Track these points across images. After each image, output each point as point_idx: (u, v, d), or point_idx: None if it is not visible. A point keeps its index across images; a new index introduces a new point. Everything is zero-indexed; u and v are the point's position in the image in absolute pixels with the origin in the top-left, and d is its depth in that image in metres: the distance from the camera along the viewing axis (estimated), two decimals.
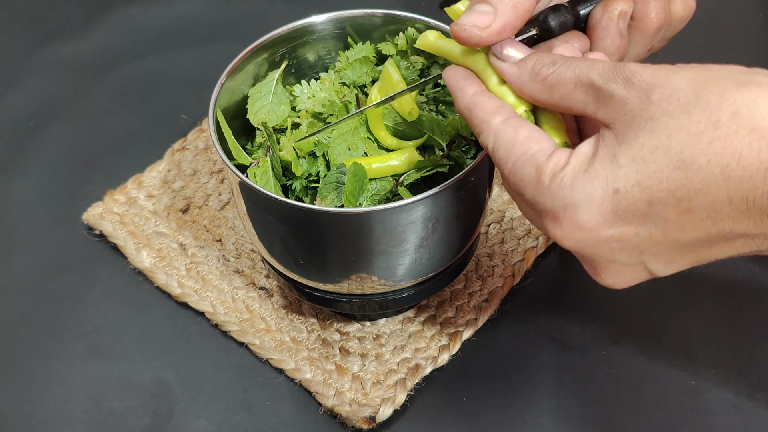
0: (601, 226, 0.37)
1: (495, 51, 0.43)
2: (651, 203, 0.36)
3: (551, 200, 0.38)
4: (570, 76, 0.39)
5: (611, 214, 0.37)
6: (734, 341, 0.59)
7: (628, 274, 0.40)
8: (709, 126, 0.34)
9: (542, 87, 0.40)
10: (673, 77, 0.36)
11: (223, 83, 0.55)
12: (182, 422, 0.57)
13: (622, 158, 0.36)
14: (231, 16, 0.90)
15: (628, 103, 0.36)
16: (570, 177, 0.37)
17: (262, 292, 0.63)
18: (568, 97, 0.39)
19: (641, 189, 0.35)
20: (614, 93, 0.37)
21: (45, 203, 0.71)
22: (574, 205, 0.37)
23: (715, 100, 0.34)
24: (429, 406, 0.57)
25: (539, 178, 0.38)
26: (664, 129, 0.35)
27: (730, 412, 0.55)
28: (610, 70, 0.37)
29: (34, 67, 0.84)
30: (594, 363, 0.58)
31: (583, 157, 0.38)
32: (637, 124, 0.36)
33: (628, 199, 0.36)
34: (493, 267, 0.64)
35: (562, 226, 0.38)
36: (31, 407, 0.58)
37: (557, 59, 0.40)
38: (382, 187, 0.53)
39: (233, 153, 0.54)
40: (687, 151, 0.34)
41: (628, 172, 0.36)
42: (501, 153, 0.40)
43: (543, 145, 0.40)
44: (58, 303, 0.64)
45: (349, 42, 0.60)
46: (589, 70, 0.38)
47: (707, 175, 0.34)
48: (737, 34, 0.85)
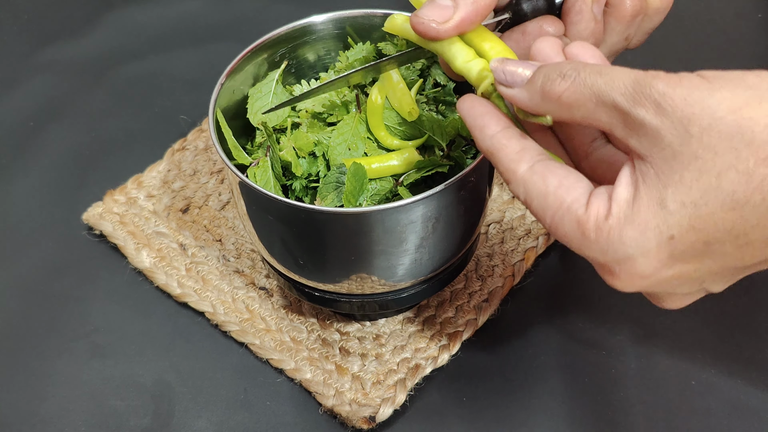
0: (660, 270, 0.36)
1: (498, 78, 0.40)
2: (708, 243, 0.35)
3: (602, 255, 0.36)
4: (588, 95, 0.36)
5: (669, 258, 0.35)
6: (734, 341, 0.59)
7: (689, 298, 0.40)
8: (759, 163, 0.32)
9: (559, 107, 0.38)
10: (709, 102, 0.33)
11: (223, 83, 0.55)
12: (183, 422, 0.57)
13: (672, 204, 0.34)
14: (231, 16, 0.90)
15: (664, 136, 0.34)
16: (617, 229, 0.35)
17: (262, 292, 0.63)
18: (590, 117, 0.37)
19: (696, 232, 0.34)
20: (645, 121, 0.34)
21: (45, 203, 0.71)
22: (629, 259, 0.36)
23: (759, 132, 0.32)
24: (429, 406, 0.57)
25: (583, 233, 0.37)
26: (712, 169, 0.33)
27: (730, 412, 0.55)
28: (635, 90, 0.34)
29: (34, 67, 0.84)
30: (594, 363, 0.58)
31: (625, 203, 0.36)
32: (679, 163, 0.34)
33: (684, 243, 0.35)
34: (493, 267, 0.64)
35: (620, 278, 0.37)
36: (32, 407, 0.58)
37: (566, 70, 0.37)
38: (382, 187, 0.53)
39: (233, 153, 0.54)
40: (740, 192, 0.33)
41: (681, 218, 0.34)
42: (535, 205, 0.38)
43: (576, 194, 0.37)
44: (59, 303, 0.64)
45: (349, 42, 0.60)
46: (610, 89, 0.35)
47: (763, 211, 0.33)
48: (737, 34, 0.85)
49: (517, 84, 0.39)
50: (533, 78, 0.39)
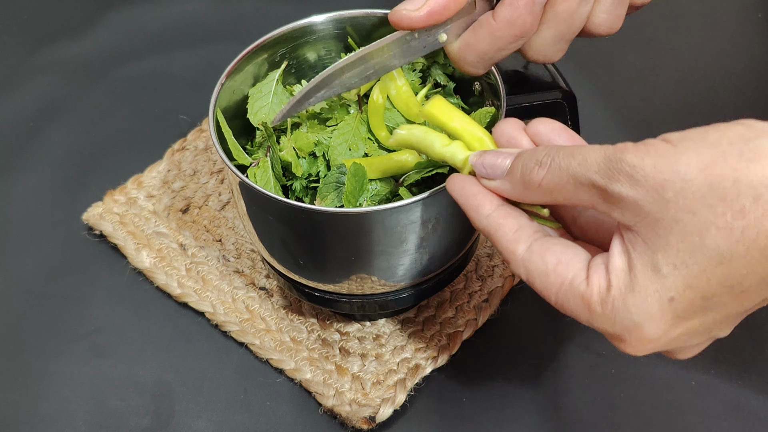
0: (667, 332, 0.37)
1: (479, 172, 0.43)
2: (706, 298, 0.36)
3: (611, 326, 0.38)
4: (566, 178, 0.38)
5: (673, 319, 0.37)
6: (734, 341, 0.59)
7: (700, 347, 0.41)
8: (736, 216, 0.34)
9: (541, 194, 0.40)
10: (677, 167, 0.35)
11: (223, 83, 0.55)
12: (183, 422, 0.57)
13: (664, 267, 0.36)
14: (231, 16, 0.90)
15: (643, 205, 0.35)
16: (620, 300, 0.37)
17: (262, 292, 0.63)
18: (573, 198, 0.39)
19: (693, 290, 0.36)
20: (622, 194, 0.36)
21: (45, 203, 0.71)
22: (636, 326, 0.37)
23: (730, 186, 0.34)
24: (429, 406, 0.57)
25: (589, 307, 0.38)
26: (693, 229, 0.35)
27: (730, 412, 0.55)
28: (607, 167, 0.36)
29: (34, 67, 0.84)
30: (594, 363, 0.58)
31: (622, 273, 0.37)
32: (662, 228, 0.35)
33: (684, 302, 0.36)
34: (493, 267, 0.64)
35: (631, 345, 0.38)
36: (33, 407, 0.58)
37: (542, 158, 0.39)
38: (382, 187, 0.53)
39: (233, 153, 0.54)
40: (723, 246, 0.34)
41: (676, 280, 0.36)
42: (538, 284, 0.40)
43: (575, 269, 0.39)
44: (59, 303, 0.64)
45: (350, 42, 0.60)
46: (585, 169, 0.37)
47: (750, 260, 0.34)
48: (737, 34, 0.85)
49: (497, 176, 0.42)
50: (512, 169, 0.41)
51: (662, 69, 0.81)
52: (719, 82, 0.79)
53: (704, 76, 0.80)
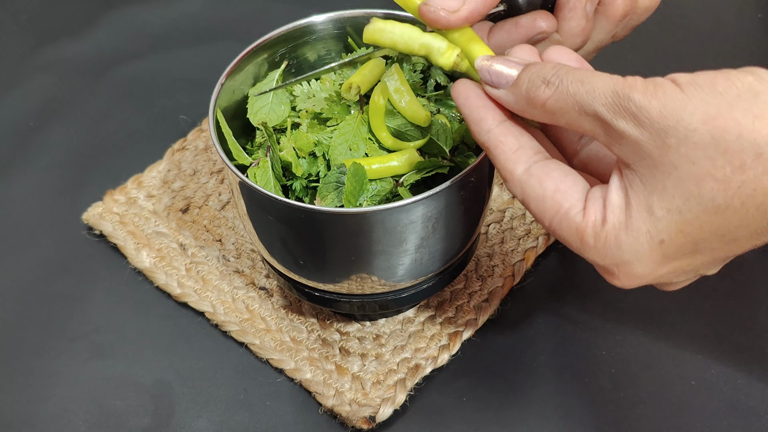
0: (655, 270, 0.38)
1: (484, 78, 0.41)
2: (696, 243, 0.36)
3: (601, 259, 0.38)
4: (571, 103, 0.38)
5: (662, 258, 0.37)
6: (734, 341, 0.59)
7: (684, 283, 0.42)
8: (735, 171, 0.34)
9: (543, 113, 0.39)
10: (682, 114, 0.34)
11: (223, 83, 0.55)
12: (183, 422, 0.57)
13: (658, 210, 0.36)
14: (231, 16, 0.90)
15: (644, 146, 0.35)
16: (613, 235, 0.37)
17: (262, 292, 0.63)
18: (574, 124, 0.38)
19: (684, 235, 0.36)
20: (625, 132, 0.36)
21: (45, 203, 0.71)
22: (626, 262, 0.38)
23: (733, 140, 0.34)
24: (429, 406, 0.57)
25: (582, 239, 0.39)
26: (691, 178, 0.35)
27: (730, 412, 0.55)
28: (614, 102, 0.36)
29: (34, 67, 0.84)
30: (594, 363, 0.58)
31: (618, 210, 0.37)
32: (660, 172, 0.35)
33: (674, 245, 0.37)
34: (493, 267, 0.64)
35: (619, 278, 0.39)
36: (32, 407, 0.58)
37: (550, 76, 0.38)
38: (382, 187, 0.53)
39: (233, 153, 0.54)
40: (719, 198, 0.35)
41: (669, 223, 0.36)
42: (533, 208, 0.40)
43: (573, 199, 0.39)
44: (58, 303, 0.64)
45: (350, 43, 0.60)
46: (591, 99, 0.37)
47: (744, 213, 0.35)
48: (737, 34, 0.85)
49: (502, 85, 0.41)
50: (518, 81, 0.40)
51: (662, 69, 0.80)
52: None
53: None
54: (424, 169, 0.53)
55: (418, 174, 0.53)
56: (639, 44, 0.83)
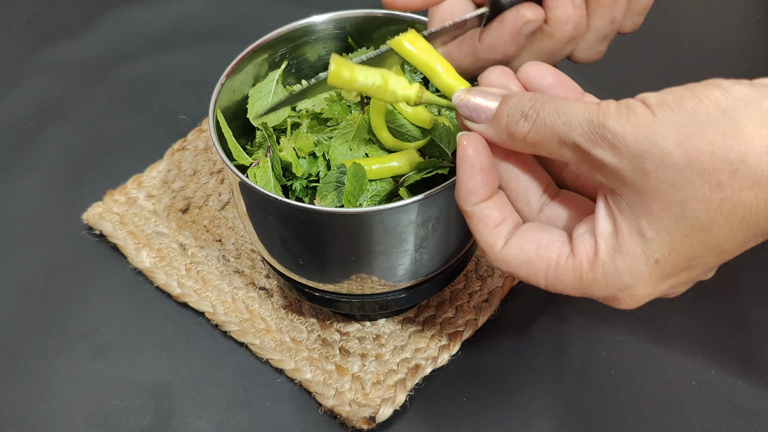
0: (656, 287, 0.39)
1: (463, 114, 0.42)
2: (689, 259, 0.37)
3: (604, 289, 0.39)
4: (550, 136, 0.38)
5: (661, 276, 0.38)
6: (734, 341, 0.59)
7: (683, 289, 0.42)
8: (714, 189, 0.35)
9: (525, 146, 0.40)
10: (656, 138, 0.35)
11: (223, 83, 0.55)
12: (183, 422, 0.57)
13: (648, 232, 0.37)
14: (231, 16, 0.90)
15: (625, 174, 0.36)
16: (610, 262, 0.38)
17: (262, 292, 0.63)
18: (556, 154, 0.39)
19: (677, 252, 0.37)
20: (604, 161, 0.37)
21: (45, 203, 0.71)
22: (627, 287, 0.38)
23: (707, 160, 0.34)
24: (429, 406, 0.57)
25: (581, 277, 0.39)
26: (673, 201, 0.36)
27: (730, 412, 0.55)
28: (590, 131, 0.37)
29: (34, 67, 0.84)
30: (594, 363, 0.58)
31: (610, 237, 0.38)
32: (644, 197, 0.36)
33: (669, 263, 0.38)
34: (493, 267, 0.64)
35: (625, 302, 0.40)
36: (32, 407, 0.58)
37: (527, 109, 0.39)
38: (382, 188, 0.53)
39: (233, 153, 0.54)
40: (703, 216, 0.36)
41: (660, 243, 0.37)
42: (523, 273, 0.41)
43: (557, 247, 0.40)
44: (58, 303, 0.64)
45: (350, 43, 0.60)
46: (569, 130, 0.37)
47: (728, 228, 0.36)
48: (737, 34, 0.85)
49: (482, 120, 0.41)
50: (497, 116, 0.41)
51: (662, 69, 0.81)
52: None
53: (704, 77, 0.79)
54: (424, 169, 0.53)
55: (418, 174, 0.53)
56: (638, 45, 0.83)
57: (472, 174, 0.41)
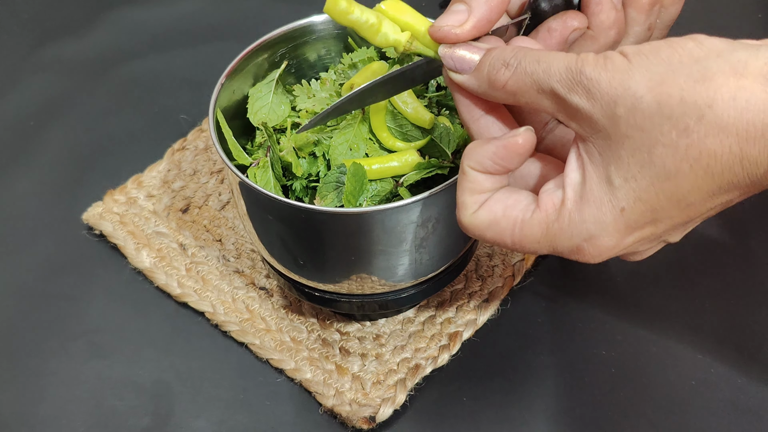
0: (621, 240, 0.39)
1: (447, 65, 0.43)
2: (654, 210, 0.37)
3: (569, 240, 0.39)
4: (529, 83, 0.39)
5: (625, 228, 0.38)
6: (734, 341, 0.59)
7: (650, 252, 0.42)
8: (681, 134, 0.35)
9: (505, 94, 0.40)
10: (629, 83, 0.36)
11: (223, 83, 0.55)
12: (182, 422, 0.57)
13: (616, 179, 0.37)
14: (231, 16, 0.90)
15: (597, 119, 0.37)
16: (576, 211, 0.38)
17: (262, 292, 0.63)
18: (534, 102, 0.39)
19: (642, 202, 0.37)
20: (579, 106, 0.37)
21: (45, 203, 0.71)
22: (592, 236, 0.38)
23: (676, 105, 0.35)
24: (429, 406, 0.57)
25: (546, 230, 0.39)
26: (642, 146, 0.36)
27: (730, 412, 0.55)
28: (568, 78, 0.37)
29: (34, 67, 0.84)
30: (594, 363, 0.58)
31: (577, 186, 0.39)
32: (615, 142, 0.37)
33: (634, 212, 0.37)
34: (493, 267, 0.64)
35: (590, 254, 0.39)
36: (31, 407, 0.58)
37: (509, 58, 0.40)
38: (382, 188, 0.53)
39: (233, 153, 0.54)
40: (669, 163, 0.36)
41: (627, 191, 0.37)
42: (490, 235, 0.41)
43: (523, 205, 0.40)
44: (58, 303, 0.64)
45: (350, 43, 0.60)
46: (547, 77, 0.38)
47: (693, 178, 0.36)
48: (737, 34, 0.85)
49: (465, 71, 0.42)
50: (480, 66, 0.41)
51: None
52: None
53: None
54: (424, 169, 0.53)
55: (418, 174, 0.53)
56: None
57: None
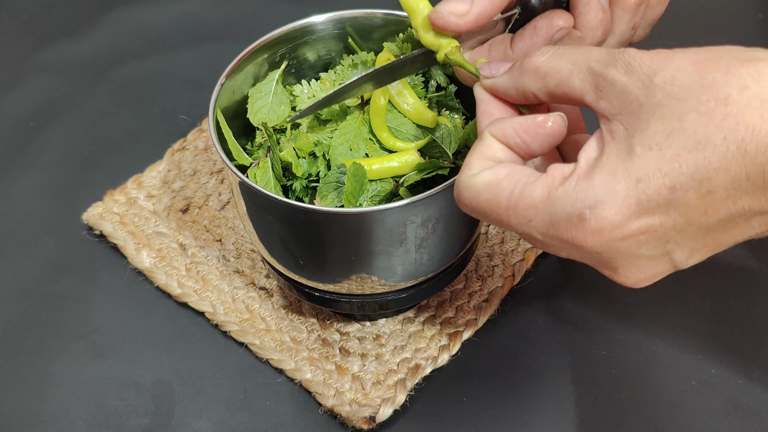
0: (627, 219, 0.36)
1: (483, 73, 0.43)
2: (673, 189, 0.35)
3: (570, 205, 0.36)
4: (563, 63, 0.38)
5: (636, 205, 0.35)
6: (734, 341, 0.59)
7: (652, 269, 0.38)
8: (719, 103, 0.34)
9: (534, 76, 0.39)
10: (673, 59, 0.35)
11: (223, 83, 0.55)
12: (183, 422, 0.57)
13: (638, 148, 0.35)
14: (231, 16, 0.90)
15: (632, 90, 0.36)
16: (585, 177, 0.36)
17: (262, 292, 0.63)
18: (563, 84, 0.38)
19: (662, 175, 0.35)
20: (615, 79, 0.36)
21: (45, 203, 0.71)
22: (598, 203, 0.35)
23: (720, 77, 0.34)
24: (429, 406, 0.57)
25: (548, 194, 0.37)
26: (675, 113, 0.34)
27: (730, 412, 0.55)
28: (608, 55, 0.37)
29: (34, 67, 0.84)
30: (594, 363, 0.58)
31: (592, 159, 0.37)
32: (645, 112, 0.35)
33: (651, 187, 0.35)
34: (493, 267, 0.64)
35: (589, 226, 0.36)
36: (33, 407, 0.58)
37: (547, 49, 0.39)
38: (382, 188, 0.53)
39: (233, 153, 0.54)
40: (701, 132, 0.34)
41: (647, 161, 0.35)
42: (486, 196, 0.39)
43: (530, 171, 0.38)
44: (59, 303, 0.64)
45: (350, 43, 0.60)
46: (586, 56, 0.38)
47: (724, 152, 0.34)
48: (737, 34, 0.85)
49: (499, 73, 0.42)
50: (514, 64, 0.41)
51: None
52: None
53: None
54: (424, 169, 0.53)
55: (418, 174, 0.53)
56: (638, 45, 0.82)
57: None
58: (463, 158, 0.54)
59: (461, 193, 0.40)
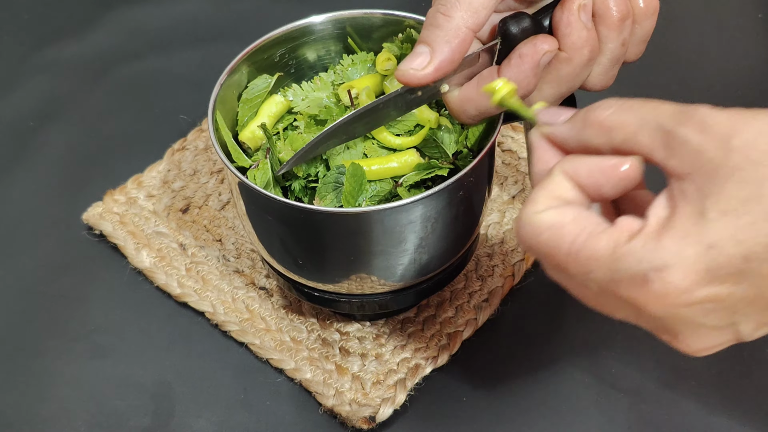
0: (694, 286, 0.34)
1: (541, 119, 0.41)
2: (747, 259, 0.33)
3: (637, 263, 0.34)
4: (631, 118, 0.36)
5: (705, 272, 0.33)
6: None
7: (715, 339, 0.36)
8: None
9: (599, 130, 0.37)
10: (752, 121, 0.33)
11: (223, 83, 0.55)
12: (183, 422, 0.57)
13: (712, 212, 0.33)
14: (231, 16, 0.90)
15: (706, 150, 0.33)
16: (654, 236, 0.34)
17: (262, 292, 0.63)
18: (630, 141, 0.36)
19: (736, 243, 0.33)
20: (688, 139, 0.34)
21: (45, 203, 0.71)
22: (665, 266, 0.33)
23: None
24: (429, 406, 0.57)
25: (614, 248, 0.35)
26: (754, 179, 0.33)
27: (730, 412, 0.55)
28: (680, 112, 0.35)
29: (34, 67, 0.84)
30: (594, 362, 0.58)
31: (662, 218, 0.35)
32: (721, 175, 0.33)
33: (723, 254, 0.33)
34: (493, 267, 0.64)
35: (652, 290, 0.34)
36: (33, 407, 0.58)
37: (612, 103, 0.37)
38: (381, 188, 0.53)
39: (233, 155, 0.54)
40: None
41: (722, 227, 0.33)
42: (545, 237, 0.37)
43: (598, 219, 0.36)
44: (58, 303, 0.64)
45: (350, 43, 0.60)
46: (656, 112, 0.35)
47: None
48: (737, 34, 0.85)
49: (558, 122, 0.40)
50: (576, 114, 0.39)
51: (662, 69, 0.81)
52: (719, 82, 0.79)
53: (704, 76, 0.80)
54: (423, 170, 0.53)
55: (417, 175, 0.53)
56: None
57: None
58: (462, 159, 0.54)
59: (521, 229, 0.38)
